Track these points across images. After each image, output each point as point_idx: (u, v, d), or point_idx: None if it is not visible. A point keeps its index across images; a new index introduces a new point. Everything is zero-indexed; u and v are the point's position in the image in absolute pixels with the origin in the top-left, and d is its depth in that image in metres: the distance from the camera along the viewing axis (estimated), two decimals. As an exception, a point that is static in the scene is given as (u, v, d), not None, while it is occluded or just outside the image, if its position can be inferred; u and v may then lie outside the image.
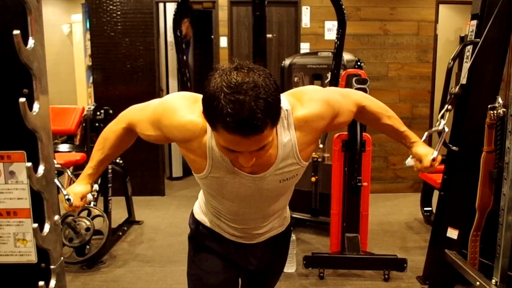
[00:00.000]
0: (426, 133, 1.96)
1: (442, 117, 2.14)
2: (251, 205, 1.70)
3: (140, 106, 1.71)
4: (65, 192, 1.62)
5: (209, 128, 1.48)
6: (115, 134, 1.75)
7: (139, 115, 1.68)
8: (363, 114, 1.81)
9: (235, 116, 1.23)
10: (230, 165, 1.53)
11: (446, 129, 1.95)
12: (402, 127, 1.85)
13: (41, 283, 1.37)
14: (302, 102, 1.58)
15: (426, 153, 1.77)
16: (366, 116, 1.82)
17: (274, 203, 1.74)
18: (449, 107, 2.07)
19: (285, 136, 1.54)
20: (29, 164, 1.27)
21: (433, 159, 1.74)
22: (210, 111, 1.29)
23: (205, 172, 1.57)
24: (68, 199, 1.62)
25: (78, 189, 1.71)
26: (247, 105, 1.23)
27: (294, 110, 1.55)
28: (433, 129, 2.04)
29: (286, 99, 1.56)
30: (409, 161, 1.84)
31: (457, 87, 2.04)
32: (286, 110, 1.53)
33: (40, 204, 1.37)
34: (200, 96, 1.46)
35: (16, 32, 1.19)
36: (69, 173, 1.94)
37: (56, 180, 1.65)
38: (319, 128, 1.60)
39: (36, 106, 1.30)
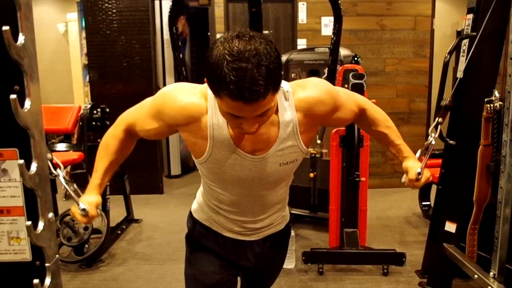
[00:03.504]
0: (419, 151, 1.96)
1: (434, 129, 2.11)
2: (251, 192, 1.70)
3: (136, 106, 1.72)
4: (80, 204, 1.58)
5: (209, 108, 1.54)
6: (115, 138, 1.73)
7: (136, 113, 1.69)
8: (364, 118, 1.82)
9: (238, 83, 1.27)
10: (231, 144, 1.55)
11: (433, 143, 1.95)
12: (398, 140, 1.85)
13: (35, 281, 1.37)
14: (304, 87, 1.62)
15: (412, 166, 1.80)
16: (366, 120, 1.83)
17: (273, 190, 1.74)
18: (440, 120, 2.05)
19: (286, 116, 1.57)
20: (22, 161, 1.26)
21: (419, 173, 1.76)
22: (214, 79, 1.33)
23: (205, 154, 1.58)
24: (84, 209, 1.57)
25: (91, 199, 1.66)
26: (249, 73, 1.27)
27: (295, 92, 1.60)
28: (425, 143, 2.03)
29: (288, 84, 1.61)
30: (404, 178, 1.85)
31: (448, 99, 1.98)
32: (287, 91, 1.58)
33: (33, 202, 1.37)
34: (197, 85, 1.57)
35: (5, 28, 1.18)
36: (61, 175, 1.86)
37: (68, 189, 1.63)
38: (320, 114, 1.62)
39: (27, 103, 1.29)
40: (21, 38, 1.27)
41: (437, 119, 2.06)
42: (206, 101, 1.55)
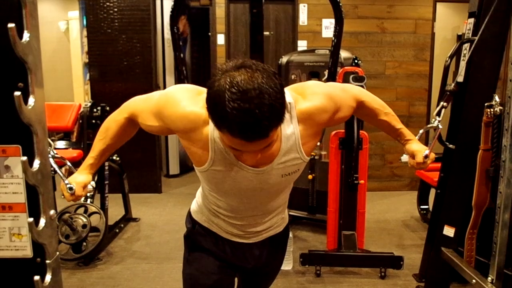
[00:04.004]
0: (421, 130, 1.99)
1: (438, 114, 2.16)
2: (252, 201, 1.69)
3: (143, 97, 1.72)
4: (67, 181, 1.61)
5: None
6: (117, 124, 1.74)
7: (141, 105, 1.69)
8: (362, 109, 1.82)
9: (240, 124, 1.25)
10: (233, 158, 1.52)
11: (440, 126, 1.99)
12: (398, 125, 1.88)
13: (36, 277, 1.37)
14: (304, 96, 1.59)
15: (419, 150, 1.82)
16: (364, 111, 1.84)
17: (275, 199, 1.73)
18: (445, 104, 2.08)
19: (288, 130, 1.54)
20: (25, 158, 1.27)
21: (426, 156, 1.79)
22: (215, 114, 1.30)
23: (206, 165, 1.56)
24: (71, 188, 1.61)
25: (80, 179, 1.70)
26: (252, 114, 1.24)
27: (297, 103, 1.57)
28: (429, 125, 2.06)
29: (288, 93, 1.57)
30: (404, 157, 1.90)
31: (453, 84, 2.02)
32: (289, 103, 1.53)
33: (35, 199, 1.37)
34: (203, 89, 1.49)
35: (11, 25, 1.18)
36: (69, 164, 1.90)
37: (57, 169, 1.65)
38: (322, 122, 1.61)
39: (31, 100, 1.29)
40: (26, 36, 1.27)
41: (441, 103, 2.08)
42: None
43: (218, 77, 1.30)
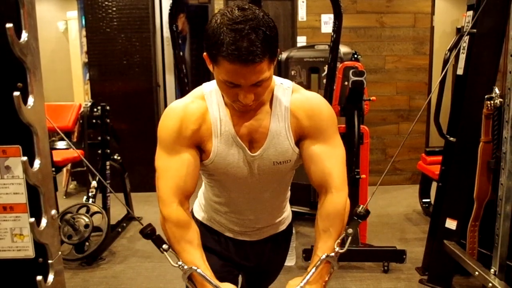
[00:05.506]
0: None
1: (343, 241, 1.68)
2: (249, 193, 1.70)
3: (158, 175, 1.63)
4: None
5: (209, 106, 1.56)
6: (179, 226, 1.67)
7: (167, 173, 1.60)
8: (322, 199, 1.69)
9: (236, 44, 1.32)
10: (233, 133, 1.55)
11: (323, 257, 1.61)
12: (320, 251, 1.60)
13: (39, 278, 1.37)
14: (307, 93, 1.64)
15: (291, 284, 1.59)
16: (321, 205, 1.69)
17: (268, 189, 1.73)
18: (350, 230, 1.69)
19: (279, 109, 1.58)
20: (25, 158, 1.27)
21: None
22: (212, 44, 1.37)
23: (212, 151, 1.57)
24: None
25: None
26: (246, 33, 1.33)
27: (295, 91, 1.61)
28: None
29: (291, 82, 1.63)
30: None
31: (363, 207, 1.60)
32: (287, 87, 1.60)
33: (36, 199, 1.37)
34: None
35: (9, 25, 1.18)
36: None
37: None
38: (303, 125, 1.59)
39: (30, 100, 1.29)
40: (24, 36, 1.27)
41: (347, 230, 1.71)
42: (203, 101, 1.57)
43: (215, 16, 1.39)
